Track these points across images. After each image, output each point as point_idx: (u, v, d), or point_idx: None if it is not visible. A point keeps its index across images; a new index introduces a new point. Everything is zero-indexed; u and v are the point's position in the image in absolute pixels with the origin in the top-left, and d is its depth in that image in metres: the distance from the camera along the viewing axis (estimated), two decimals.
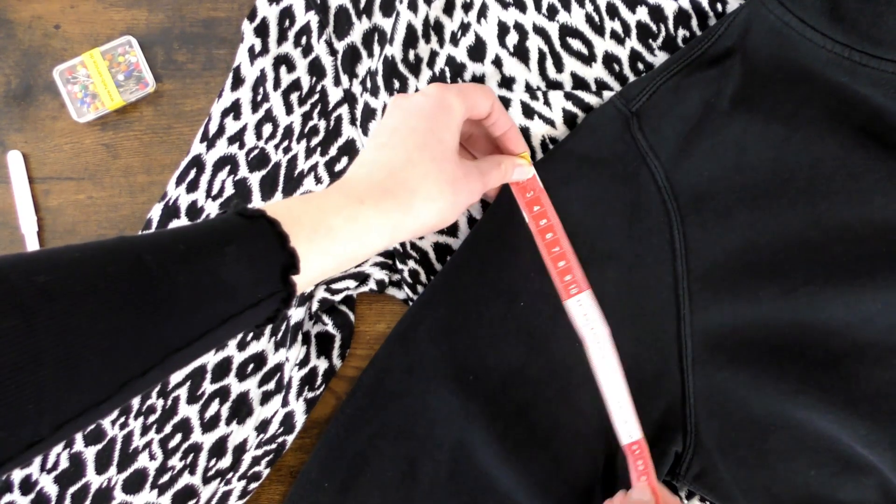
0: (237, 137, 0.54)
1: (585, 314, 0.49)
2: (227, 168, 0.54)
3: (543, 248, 0.50)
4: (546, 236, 0.50)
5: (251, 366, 0.54)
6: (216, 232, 0.34)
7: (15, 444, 0.28)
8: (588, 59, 0.53)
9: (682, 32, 0.53)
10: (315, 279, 0.38)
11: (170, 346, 0.32)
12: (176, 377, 0.54)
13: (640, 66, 0.53)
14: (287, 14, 0.54)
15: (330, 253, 0.38)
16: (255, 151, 0.54)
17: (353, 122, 0.54)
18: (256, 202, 0.54)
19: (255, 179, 0.54)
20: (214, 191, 0.54)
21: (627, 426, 0.49)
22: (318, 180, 0.54)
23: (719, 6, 0.52)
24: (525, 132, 0.53)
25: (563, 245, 0.50)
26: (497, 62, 0.53)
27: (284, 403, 0.53)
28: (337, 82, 0.54)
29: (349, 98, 0.54)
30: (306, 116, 0.54)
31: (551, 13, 0.53)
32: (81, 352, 0.29)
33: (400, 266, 0.54)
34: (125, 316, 0.30)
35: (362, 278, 0.54)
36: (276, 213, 0.36)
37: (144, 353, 0.31)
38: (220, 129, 0.54)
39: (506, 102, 0.53)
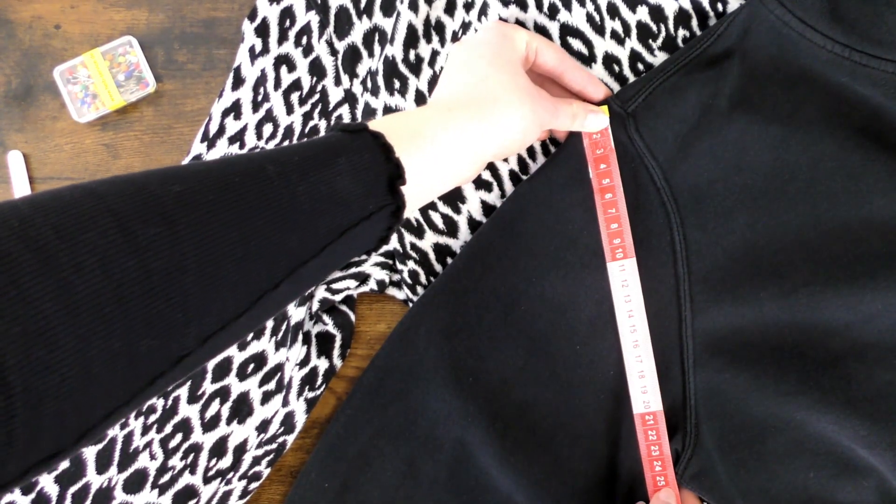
0: (238, 137, 0.54)
1: (625, 280, 0.50)
2: None
3: (600, 207, 0.50)
4: (605, 196, 0.50)
5: (251, 366, 0.54)
6: (327, 145, 0.35)
7: (166, 357, 0.28)
8: (588, 60, 0.53)
9: (682, 32, 0.53)
10: (420, 192, 0.39)
11: (296, 258, 0.33)
12: None
13: (640, 66, 0.53)
14: (288, 14, 0.54)
15: (430, 159, 0.39)
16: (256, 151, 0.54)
17: (353, 121, 0.54)
18: None
19: None
20: None
21: (645, 396, 0.50)
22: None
23: (720, 6, 0.52)
24: None
25: (619, 209, 0.50)
26: None
27: (285, 403, 0.53)
28: (338, 82, 0.54)
29: (350, 98, 0.54)
30: (307, 116, 0.54)
31: (552, 12, 0.53)
32: (220, 259, 0.29)
33: (400, 266, 0.54)
34: (255, 223, 0.31)
35: (363, 278, 0.54)
36: (378, 127, 0.37)
37: (275, 265, 0.32)
38: (221, 129, 0.54)
39: None
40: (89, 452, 0.53)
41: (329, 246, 0.34)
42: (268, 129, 0.54)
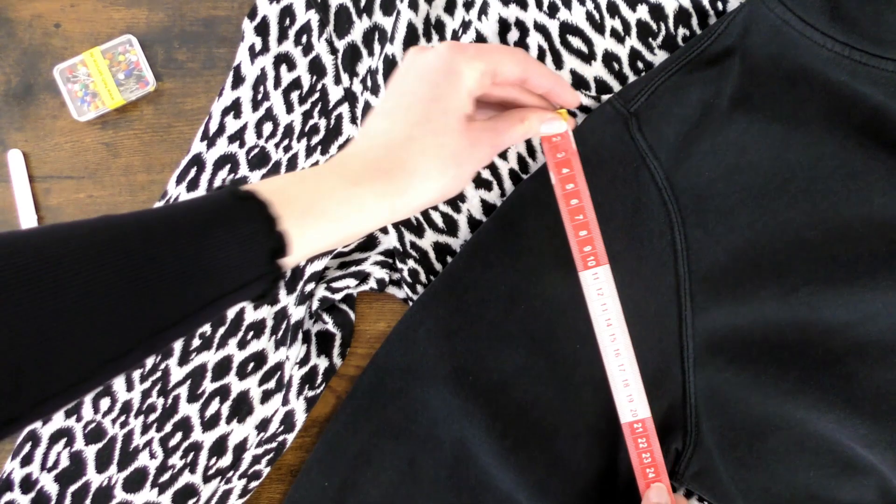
0: (237, 136, 0.54)
1: (600, 289, 0.48)
2: (228, 167, 0.54)
3: (566, 214, 0.47)
4: (571, 202, 0.47)
5: (251, 364, 0.54)
6: (205, 212, 0.34)
7: None
8: (588, 58, 0.53)
9: (682, 31, 0.53)
10: (307, 256, 0.38)
11: (153, 328, 0.32)
12: (176, 376, 0.54)
13: (640, 64, 0.53)
14: (287, 13, 0.54)
15: (322, 233, 0.37)
16: (256, 150, 0.54)
17: (353, 120, 0.54)
18: None
19: (255, 178, 0.54)
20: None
21: (632, 404, 0.48)
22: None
23: (720, 4, 0.52)
24: None
25: (587, 214, 0.47)
26: None
27: (285, 402, 0.53)
28: (337, 81, 0.54)
29: (350, 97, 0.54)
30: (307, 115, 0.54)
31: (552, 11, 0.53)
32: (63, 333, 0.30)
33: (399, 265, 0.54)
34: (108, 299, 0.30)
35: (362, 277, 0.54)
36: (270, 193, 0.36)
37: (127, 335, 0.31)
38: (221, 128, 0.54)
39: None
40: (89, 451, 0.53)
41: (193, 314, 0.33)
42: (268, 127, 0.54)
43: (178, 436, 0.53)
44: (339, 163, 0.39)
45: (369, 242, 0.55)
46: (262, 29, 0.54)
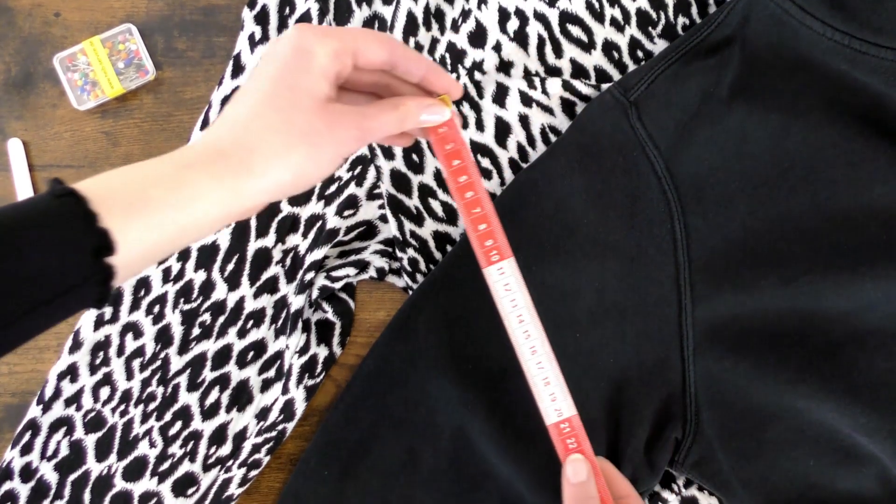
0: None
1: (507, 284, 0.44)
2: None
3: (463, 209, 0.44)
4: (466, 195, 0.43)
5: (251, 353, 0.54)
6: (19, 217, 0.32)
7: None
8: (587, 46, 0.53)
9: (681, 20, 0.53)
10: (148, 254, 0.35)
11: None
12: (176, 364, 0.54)
13: (640, 53, 0.53)
14: (287, 2, 0.54)
15: (153, 226, 0.34)
16: None
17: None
18: None
19: None
20: None
21: (556, 403, 0.45)
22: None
23: None
24: (524, 120, 0.53)
25: (484, 206, 0.43)
26: (497, 47, 0.53)
27: (284, 391, 0.53)
28: None
29: None
30: None
31: (552, 0, 0.53)
32: None
33: (399, 254, 0.54)
34: None
35: (362, 266, 0.54)
36: (89, 189, 0.33)
37: None
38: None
39: (503, 89, 0.53)
40: (89, 440, 0.53)
41: (13, 324, 0.31)
42: None
43: (178, 425, 0.53)
44: (176, 151, 0.37)
45: (369, 231, 0.55)
46: (261, 18, 0.54)
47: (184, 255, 0.54)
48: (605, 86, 0.52)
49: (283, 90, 0.37)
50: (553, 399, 0.44)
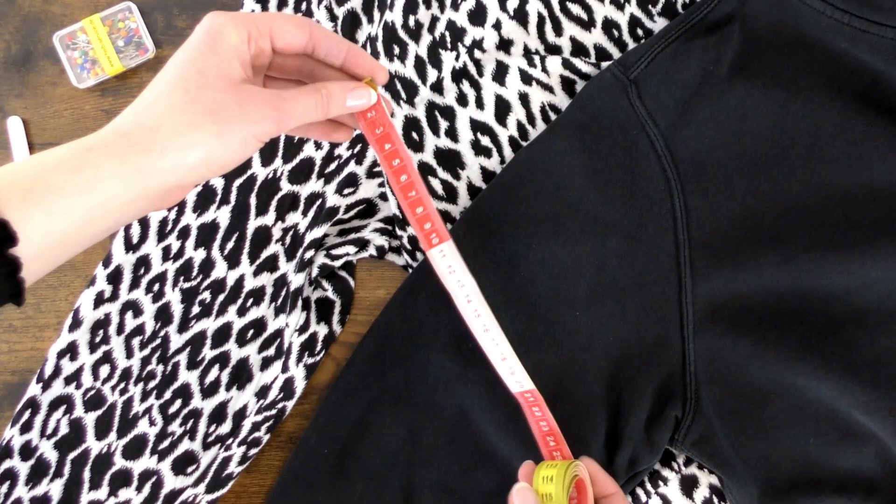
0: None
1: (450, 266, 0.44)
2: None
3: (399, 193, 0.43)
4: (401, 178, 0.43)
5: (251, 332, 0.54)
6: None
7: None
8: (587, 25, 0.53)
9: None
10: (56, 244, 0.34)
11: None
12: (176, 343, 0.54)
13: (640, 31, 0.53)
14: None
15: (56, 212, 0.33)
16: None
17: None
18: (256, 168, 0.54)
19: None
20: None
21: (515, 376, 0.47)
22: (317, 146, 0.54)
23: None
24: (524, 98, 0.53)
25: (419, 189, 0.43)
26: (497, 25, 0.53)
27: (284, 369, 0.53)
28: None
29: None
30: None
31: None
32: None
33: (399, 232, 0.54)
34: None
35: (362, 244, 0.54)
36: None
37: None
38: None
39: (503, 68, 0.53)
40: (89, 418, 0.53)
41: None
42: None
43: (178, 403, 0.53)
44: (79, 140, 0.36)
45: (369, 209, 0.55)
46: None
47: (183, 234, 0.54)
48: (605, 64, 0.52)
49: (192, 72, 0.36)
50: (512, 373, 0.46)
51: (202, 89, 0.36)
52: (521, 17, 0.53)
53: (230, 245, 0.54)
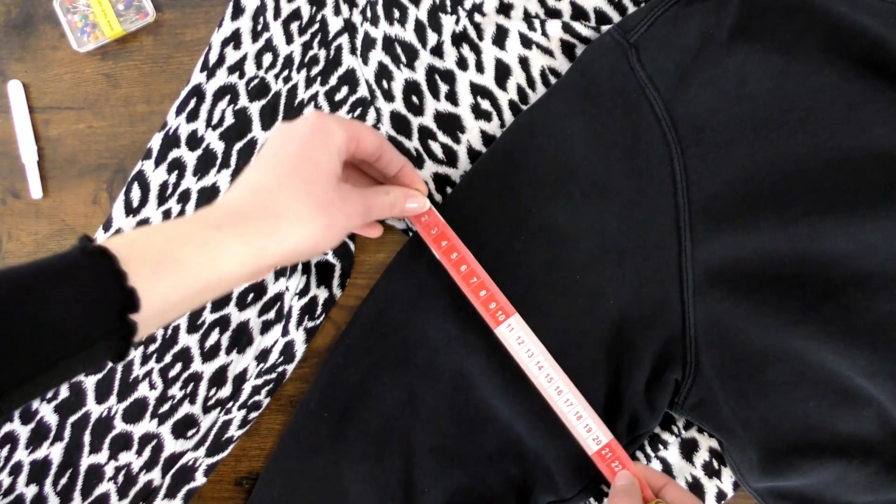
0: (237, 67, 0.54)
1: (519, 338, 0.49)
2: (228, 98, 0.54)
3: (461, 282, 0.49)
4: (461, 269, 0.49)
5: (251, 295, 0.54)
6: (49, 271, 0.33)
7: None
8: None
9: None
10: (168, 311, 0.36)
11: None
12: None
13: None
14: None
15: (179, 285, 0.36)
16: (256, 81, 0.54)
17: (353, 51, 0.54)
18: (256, 132, 0.54)
19: (255, 109, 0.54)
20: (214, 120, 0.54)
21: (592, 433, 0.49)
22: (318, 109, 0.54)
23: None
24: (524, 62, 0.53)
25: (479, 274, 0.49)
26: None
27: (284, 333, 0.53)
28: (337, 12, 0.54)
29: (349, 27, 0.54)
30: (306, 46, 0.54)
31: None
32: None
33: None
34: None
35: None
36: (119, 248, 0.35)
37: None
38: (221, 59, 0.54)
39: (503, 31, 0.53)
40: (89, 382, 0.53)
41: (36, 378, 0.32)
42: (267, 58, 0.54)
43: (178, 366, 0.53)
44: (202, 213, 0.38)
45: None
46: None
47: (184, 197, 0.54)
48: (604, 28, 0.52)
49: (307, 165, 0.40)
50: (588, 430, 0.49)
51: (317, 183, 0.40)
52: None
53: None
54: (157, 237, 0.36)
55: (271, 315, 0.54)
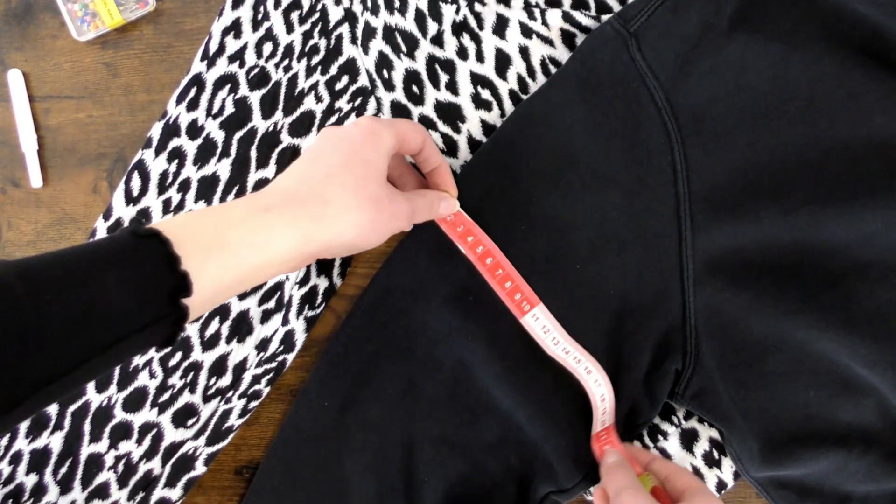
0: (237, 56, 0.54)
1: (544, 327, 0.50)
2: (228, 87, 0.54)
3: (487, 274, 0.50)
4: (486, 261, 0.50)
5: None
6: (102, 254, 0.33)
7: None
8: None
9: None
10: (218, 295, 0.36)
11: (38, 379, 0.31)
12: None
13: None
14: None
15: (228, 268, 0.36)
16: (256, 70, 0.54)
17: (353, 41, 0.54)
18: (256, 121, 0.54)
19: (255, 98, 0.54)
20: (215, 109, 0.54)
21: (605, 416, 0.50)
22: (318, 99, 0.54)
23: None
24: (524, 52, 0.53)
25: (504, 266, 0.50)
26: None
27: (284, 322, 0.53)
28: (337, 1, 0.54)
29: (350, 17, 0.54)
30: (307, 35, 0.54)
31: None
32: None
33: None
34: None
35: None
36: (171, 230, 0.35)
37: (13, 388, 0.30)
38: (221, 48, 0.54)
39: (503, 21, 0.53)
40: None
41: (88, 360, 0.32)
42: (268, 47, 0.54)
43: (178, 355, 0.53)
44: (252, 196, 0.39)
45: None
46: None
47: (184, 186, 0.54)
48: (605, 17, 0.52)
49: (358, 162, 0.41)
50: (604, 413, 0.50)
51: (367, 179, 0.41)
52: None
53: (231, 198, 0.54)
54: (207, 220, 0.36)
55: (271, 304, 0.54)
